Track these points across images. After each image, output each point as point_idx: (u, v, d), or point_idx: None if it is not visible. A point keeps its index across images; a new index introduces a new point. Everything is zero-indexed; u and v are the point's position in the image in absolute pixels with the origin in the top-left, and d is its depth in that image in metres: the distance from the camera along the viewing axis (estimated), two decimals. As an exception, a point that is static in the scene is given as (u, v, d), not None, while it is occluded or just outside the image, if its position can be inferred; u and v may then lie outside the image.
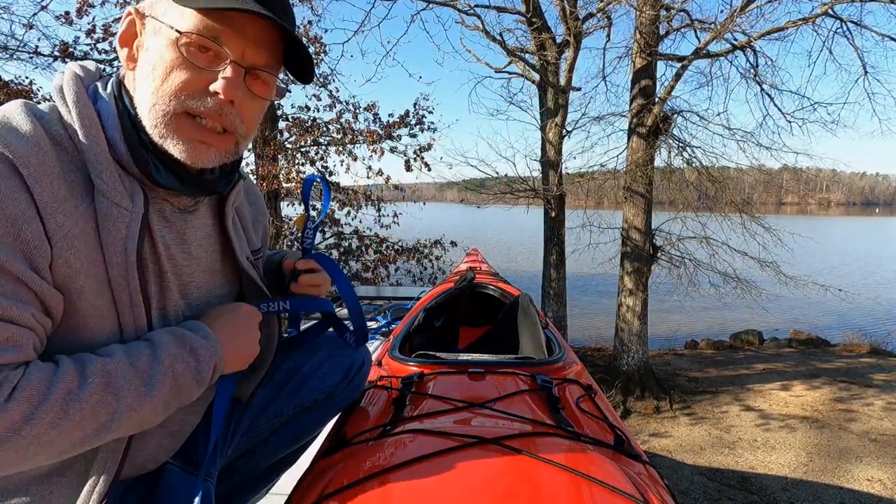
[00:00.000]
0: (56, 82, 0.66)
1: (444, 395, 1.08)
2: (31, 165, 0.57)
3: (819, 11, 5.35)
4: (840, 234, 38.88)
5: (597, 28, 6.22)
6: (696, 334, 9.45)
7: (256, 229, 0.94)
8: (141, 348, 0.64)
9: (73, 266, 0.59)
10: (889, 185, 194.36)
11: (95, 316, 0.63)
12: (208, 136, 0.67)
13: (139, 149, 0.66)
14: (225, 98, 0.65)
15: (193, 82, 0.64)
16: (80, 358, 0.59)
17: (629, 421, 5.22)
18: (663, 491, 0.86)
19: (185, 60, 0.63)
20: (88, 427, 0.57)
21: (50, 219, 0.57)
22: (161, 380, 0.63)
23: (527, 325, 1.74)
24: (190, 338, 0.68)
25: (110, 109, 0.66)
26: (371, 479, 0.73)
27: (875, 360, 7.20)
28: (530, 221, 9.32)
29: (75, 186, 0.61)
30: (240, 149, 0.73)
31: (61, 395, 0.55)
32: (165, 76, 0.63)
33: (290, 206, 8.23)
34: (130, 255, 0.64)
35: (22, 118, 0.59)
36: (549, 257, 6.64)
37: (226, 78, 0.65)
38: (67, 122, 0.63)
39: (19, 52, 5.74)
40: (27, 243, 0.55)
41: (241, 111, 0.68)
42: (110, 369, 0.59)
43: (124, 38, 0.68)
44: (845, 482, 3.87)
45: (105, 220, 0.62)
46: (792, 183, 11.04)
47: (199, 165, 0.68)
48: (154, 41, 0.65)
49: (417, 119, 7.97)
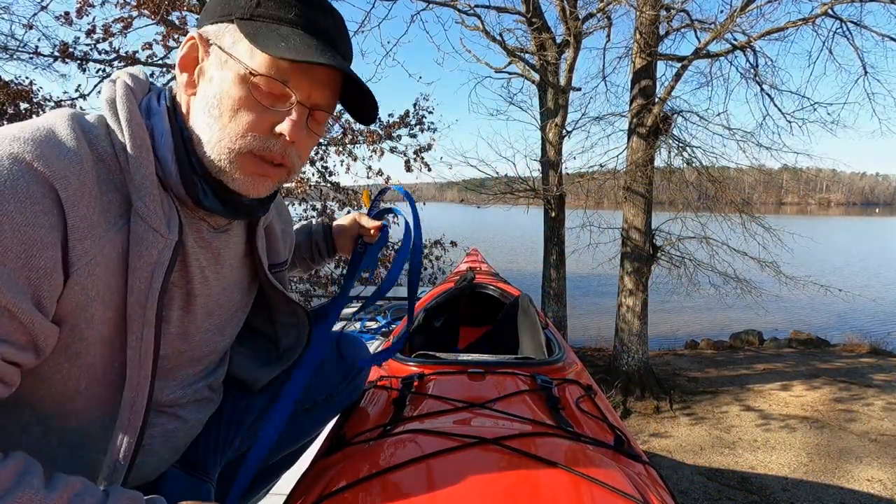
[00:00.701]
0: (107, 94, 0.64)
1: (444, 396, 1.08)
2: (71, 188, 0.54)
3: (819, 11, 5.34)
4: (840, 234, 38.89)
5: (597, 28, 6.23)
6: (696, 334, 9.45)
7: (286, 241, 0.96)
8: (91, 500, 0.54)
9: (88, 293, 0.58)
10: (889, 185, 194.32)
11: (98, 343, 0.61)
12: (268, 170, 0.68)
13: (189, 170, 0.65)
14: (290, 140, 0.66)
15: (261, 123, 0.64)
16: (26, 470, 0.51)
17: (629, 421, 5.22)
18: (663, 491, 0.86)
19: (254, 100, 0.63)
20: None
21: (77, 245, 0.55)
22: None
23: (527, 325, 1.74)
24: None
25: (164, 127, 0.65)
26: (371, 480, 0.73)
27: (875, 361, 7.20)
28: (530, 221, 9.32)
29: (111, 208, 0.60)
30: (291, 178, 0.74)
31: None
32: (233, 114, 0.63)
33: (290, 206, 8.24)
34: (156, 281, 0.63)
35: (68, 133, 0.57)
36: (549, 257, 6.64)
37: (292, 121, 0.65)
38: (115, 139, 0.61)
39: (19, 53, 5.75)
40: (37, 270, 0.53)
41: (299, 148, 0.69)
42: (39, 500, 0.50)
43: (184, 63, 0.67)
44: (845, 482, 3.87)
45: (138, 244, 0.61)
46: (792, 183, 11.07)
47: (255, 196, 0.69)
48: (220, 73, 0.64)
49: (417, 119, 7.97)
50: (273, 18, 0.64)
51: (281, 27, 0.64)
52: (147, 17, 5.62)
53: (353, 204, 8.27)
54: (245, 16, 0.64)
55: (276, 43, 0.62)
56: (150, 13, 5.53)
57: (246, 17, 0.64)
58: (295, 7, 0.65)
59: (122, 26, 5.79)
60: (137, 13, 5.71)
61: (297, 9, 0.65)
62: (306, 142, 0.69)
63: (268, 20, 0.64)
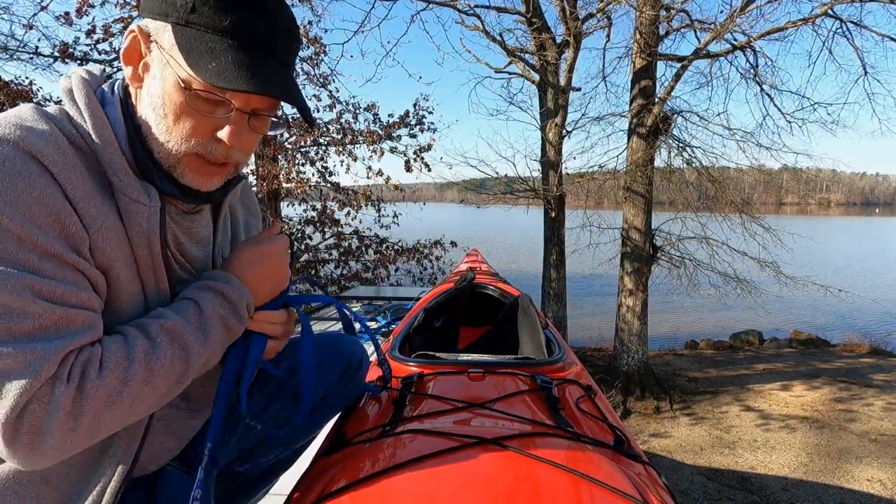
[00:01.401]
0: (64, 85, 0.67)
1: (444, 396, 1.08)
2: (58, 164, 0.58)
3: (819, 11, 5.34)
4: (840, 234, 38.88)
5: (597, 28, 6.23)
6: (696, 334, 9.44)
7: (248, 230, 0.96)
8: (185, 305, 0.69)
9: (108, 255, 0.63)
10: (889, 185, 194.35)
11: (130, 302, 0.68)
12: (213, 169, 0.71)
13: (143, 157, 0.67)
14: (230, 145, 0.68)
15: (202, 128, 0.66)
16: (139, 324, 0.65)
17: (629, 421, 5.22)
18: (663, 491, 0.86)
19: (194, 110, 0.65)
20: (172, 377, 0.64)
21: (84, 213, 0.60)
22: (212, 325, 0.70)
23: (527, 325, 1.74)
24: (219, 287, 0.73)
25: (117, 116, 0.67)
26: (371, 479, 0.73)
27: (875, 360, 7.20)
28: (530, 221, 9.32)
29: (96, 183, 0.63)
30: (239, 170, 0.77)
31: (141, 357, 0.61)
32: (176, 118, 0.65)
33: (290, 206, 8.24)
34: (154, 247, 0.69)
35: (36, 119, 0.60)
36: (549, 257, 6.64)
37: (230, 128, 0.67)
38: (78, 124, 0.64)
39: (19, 53, 5.75)
40: (72, 235, 0.59)
41: (242, 147, 0.70)
42: (170, 327, 0.65)
43: (128, 55, 0.68)
44: (845, 482, 3.87)
45: (128, 217, 0.66)
46: (792, 183, 11.08)
47: (206, 190, 0.72)
48: (161, 72, 0.65)
49: (417, 119, 7.98)
50: (207, 27, 0.63)
51: (214, 39, 0.63)
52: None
53: (352, 204, 8.28)
54: (180, 21, 0.63)
55: (206, 63, 0.62)
56: (150, 13, 5.51)
57: (181, 22, 0.63)
58: (231, 14, 0.63)
59: (122, 26, 5.80)
60: (137, 13, 5.70)
61: (233, 16, 0.63)
62: (248, 139, 0.71)
63: (202, 28, 0.63)
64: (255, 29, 0.65)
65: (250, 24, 0.64)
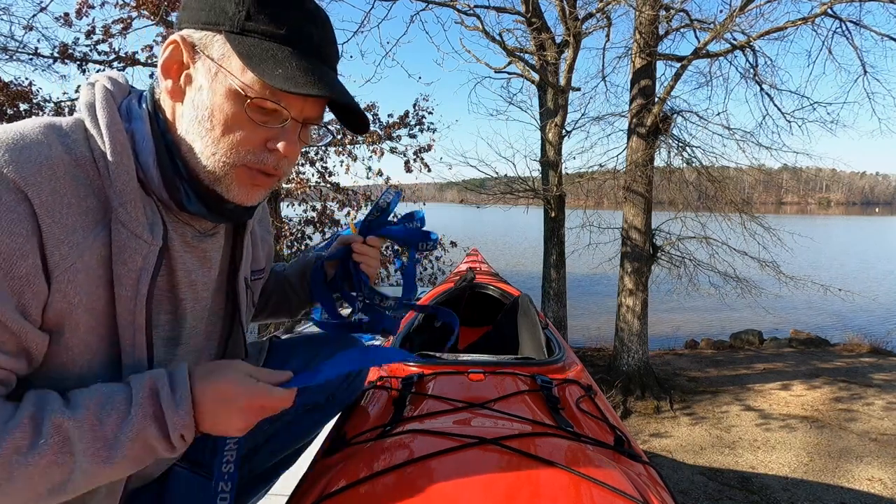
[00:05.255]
0: (86, 98, 0.63)
1: (444, 396, 1.08)
2: (44, 194, 0.54)
3: (818, 11, 5.34)
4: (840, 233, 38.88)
5: (596, 28, 6.22)
6: (696, 334, 9.44)
7: (264, 249, 0.95)
8: (116, 402, 0.57)
9: (71, 301, 0.57)
10: (889, 184, 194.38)
11: (85, 353, 0.60)
12: (262, 180, 0.68)
13: (171, 175, 0.65)
14: (284, 155, 0.66)
15: (254, 138, 0.64)
16: (42, 406, 0.54)
17: (629, 421, 5.22)
18: (663, 491, 0.86)
19: (248, 117, 0.63)
20: (38, 488, 0.53)
21: (54, 251, 0.55)
22: (128, 445, 0.56)
23: (527, 325, 1.74)
24: (163, 405, 0.59)
25: (145, 131, 0.64)
26: (371, 480, 0.73)
27: (875, 360, 7.19)
28: (530, 221, 9.33)
29: (89, 214, 0.59)
30: (282, 182, 0.75)
31: (7, 454, 0.50)
32: (226, 129, 0.63)
33: (290, 207, 8.23)
34: (142, 288, 0.62)
35: (39, 138, 0.56)
36: (549, 257, 6.64)
37: (286, 137, 0.66)
38: (94, 144, 0.60)
39: (19, 54, 5.75)
40: (19, 279, 0.53)
41: (290, 158, 0.69)
42: (70, 428, 0.53)
43: (167, 67, 0.64)
44: (846, 482, 3.87)
45: (121, 251, 0.60)
46: (792, 183, 11.04)
47: (249, 204, 0.70)
48: (209, 84, 0.62)
49: (417, 119, 7.97)
50: (265, 35, 0.62)
51: (273, 46, 0.62)
52: (146, 17, 5.63)
53: (352, 204, 8.27)
54: (235, 29, 0.61)
55: (272, 69, 0.60)
56: (149, 14, 5.53)
57: (236, 30, 0.61)
58: (286, 21, 0.62)
59: (122, 27, 5.80)
60: (137, 14, 5.71)
61: (289, 23, 0.63)
62: (297, 151, 0.70)
63: (259, 36, 0.62)
64: (310, 36, 0.65)
65: (303, 29, 0.64)
